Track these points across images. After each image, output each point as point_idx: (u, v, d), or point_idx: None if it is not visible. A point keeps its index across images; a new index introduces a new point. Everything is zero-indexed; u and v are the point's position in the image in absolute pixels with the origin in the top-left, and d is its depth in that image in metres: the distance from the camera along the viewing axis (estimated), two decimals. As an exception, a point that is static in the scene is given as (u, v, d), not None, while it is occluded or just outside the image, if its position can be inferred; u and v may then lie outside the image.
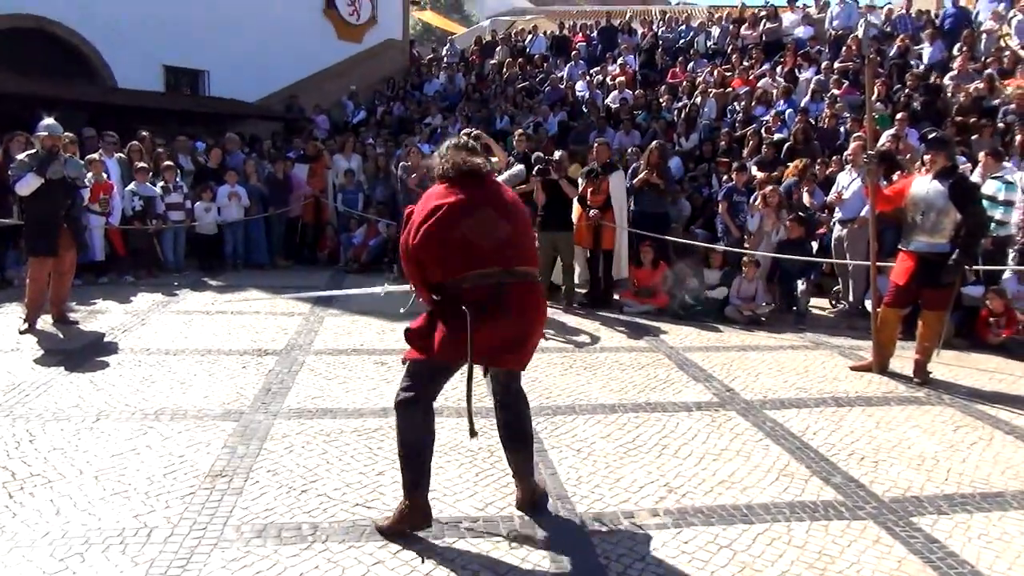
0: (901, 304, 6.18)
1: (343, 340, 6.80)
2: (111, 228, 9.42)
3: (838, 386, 5.80)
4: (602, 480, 3.95)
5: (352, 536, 3.29)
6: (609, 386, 5.61)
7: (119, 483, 3.74)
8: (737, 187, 9.54)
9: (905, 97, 11.66)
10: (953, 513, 3.70)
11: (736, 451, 4.40)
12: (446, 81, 17.76)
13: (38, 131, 6.80)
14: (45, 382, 5.29)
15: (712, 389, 5.62)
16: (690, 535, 3.40)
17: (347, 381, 5.53)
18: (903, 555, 3.27)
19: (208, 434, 4.41)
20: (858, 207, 8.05)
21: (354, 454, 4.18)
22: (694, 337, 7.40)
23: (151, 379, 5.44)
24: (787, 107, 12.43)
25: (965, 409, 5.31)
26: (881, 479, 4.07)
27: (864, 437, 4.70)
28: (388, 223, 11.24)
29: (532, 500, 3.58)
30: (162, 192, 10.04)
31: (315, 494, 3.69)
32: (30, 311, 6.75)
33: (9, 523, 3.31)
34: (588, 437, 4.54)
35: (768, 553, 3.25)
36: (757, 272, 8.28)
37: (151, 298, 8.40)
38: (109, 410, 4.76)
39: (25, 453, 4.06)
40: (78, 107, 12.56)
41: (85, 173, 7.82)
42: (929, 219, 5.86)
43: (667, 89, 14.50)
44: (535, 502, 3.58)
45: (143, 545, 3.16)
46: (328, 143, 13.26)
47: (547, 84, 16.03)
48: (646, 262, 8.65)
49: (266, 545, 3.20)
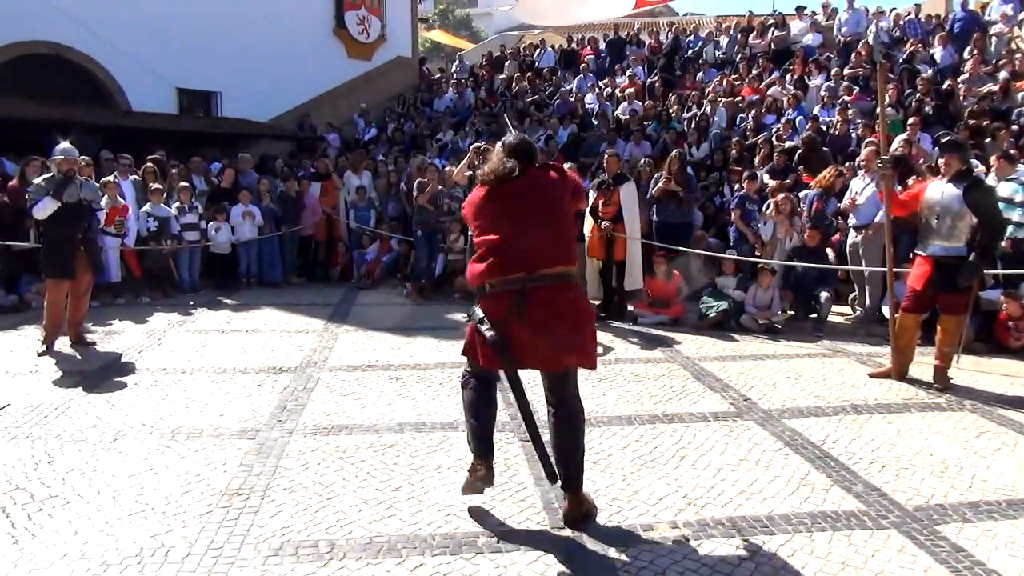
0: (919, 309, 6.12)
1: (358, 356, 6.80)
2: (126, 249, 9.50)
3: (857, 393, 5.74)
4: (619, 492, 3.91)
5: (369, 553, 3.27)
6: (624, 398, 5.57)
7: (137, 503, 3.75)
8: (749, 195, 9.51)
9: (916, 102, 11.60)
10: (979, 521, 3.63)
11: (755, 461, 4.35)
12: (455, 97, 17.85)
13: (54, 155, 6.89)
14: (63, 403, 5.33)
15: (729, 399, 5.57)
16: (711, 547, 3.35)
17: (362, 397, 5.52)
18: (929, 564, 3.22)
19: (224, 453, 4.41)
20: (872, 213, 7.99)
21: (370, 470, 4.17)
22: (710, 347, 7.35)
23: (167, 398, 5.46)
24: (797, 115, 12.40)
25: (988, 415, 5.24)
26: (904, 487, 4.01)
27: (885, 445, 4.64)
28: (400, 239, 11.29)
29: (578, 514, 3.54)
30: (177, 213, 10.13)
31: (331, 511, 3.68)
32: (48, 333, 6.81)
33: (28, 544, 3.32)
34: (604, 449, 4.51)
35: (790, 564, 3.21)
36: (772, 280, 8.22)
37: (167, 318, 8.45)
38: (126, 430, 4.78)
39: (44, 474, 4.08)
40: (93, 131, 12.73)
41: (101, 195, 7.90)
42: (945, 223, 5.82)
43: (677, 99, 14.50)
44: (581, 516, 3.54)
45: (161, 565, 3.16)
46: (339, 160, 13.34)
47: (556, 97, 16.07)
48: (659, 273, 8.61)
49: (283, 563, 3.19)
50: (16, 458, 4.28)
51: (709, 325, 8.10)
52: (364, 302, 9.86)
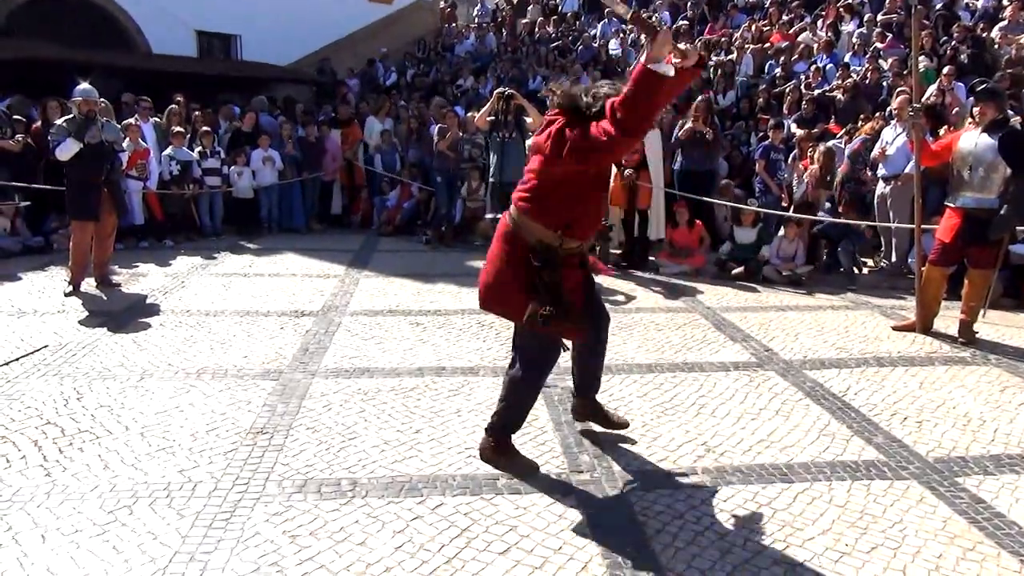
0: (946, 262, 6.02)
1: (379, 301, 6.83)
2: (149, 192, 9.54)
3: (880, 346, 5.69)
4: (639, 439, 3.93)
5: (391, 492, 3.33)
6: (645, 346, 5.57)
7: (164, 439, 3.82)
8: (775, 145, 9.33)
9: (951, 50, 11.24)
10: (1000, 474, 3.62)
11: (775, 411, 4.35)
12: (477, 42, 17.54)
13: (74, 96, 6.87)
14: (91, 342, 5.41)
15: (750, 349, 5.55)
16: (728, 493, 3.37)
17: (383, 341, 5.56)
18: (948, 515, 3.22)
19: (248, 393, 4.48)
20: (902, 163, 7.82)
21: (391, 412, 4.21)
22: (731, 297, 7.31)
23: (192, 339, 5.54)
24: (828, 62, 12.07)
25: (1012, 369, 5.18)
26: (925, 439, 4.00)
27: (907, 397, 4.61)
28: (420, 187, 11.23)
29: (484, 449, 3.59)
30: (199, 157, 10.12)
31: (354, 451, 3.73)
32: (74, 274, 6.89)
33: (60, 477, 3.41)
34: (625, 396, 4.52)
35: (808, 512, 3.22)
36: (799, 231, 8.11)
37: (190, 261, 8.52)
38: (153, 369, 4.86)
39: (73, 410, 4.16)
40: (113, 74, 12.66)
41: (123, 137, 7.90)
42: (977, 174, 5.67)
43: (704, 45, 14.16)
44: (483, 452, 3.59)
45: (188, 499, 3.23)
46: (360, 106, 13.22)
47: (580, 43, 15.75)
48: (682, 222, 8.53)
49: (307, 500, 3.25)
50: (47, 394, 4.38)
51: (732, 278, 8.04)
52: (385, 248, 9.87)
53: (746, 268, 8.03)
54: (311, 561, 2.80)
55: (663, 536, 3.02)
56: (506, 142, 8.27)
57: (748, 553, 2.91)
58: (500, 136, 8.28)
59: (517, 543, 2.94)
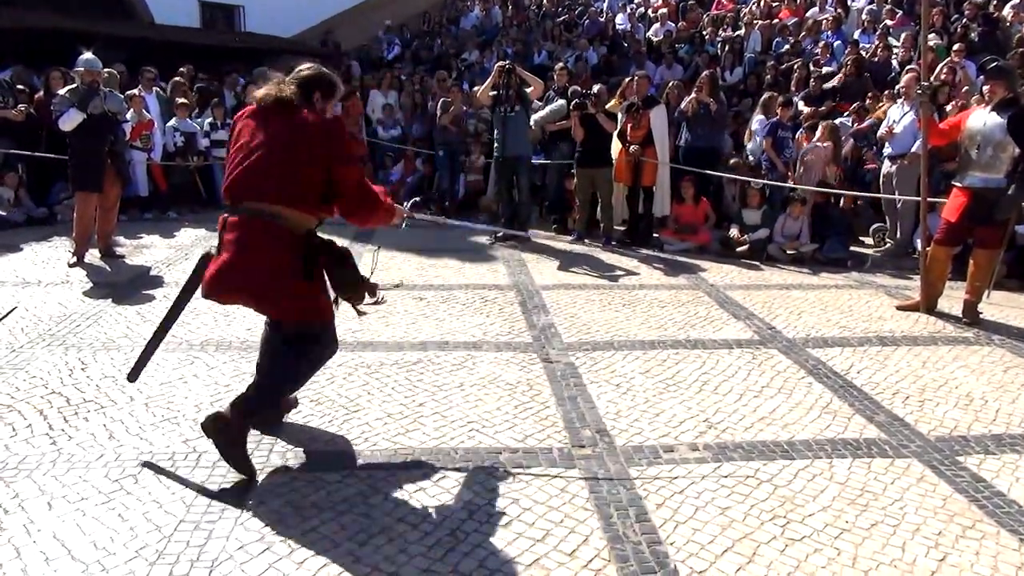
0: (952, 242, 6.00)
1: (382, 275, 6.77)
2: (153, 164, 9.51)
3: (883, 325, 5.69)
4: (641, 415, 3.95)
5: (394, 464, 3.35)
6: (648, 323, 5.57)
7: (168, 410, 3.85)
8: (782, 122, 9.25)
9: (962, 28, 11.10)
10: (1001, 453, 3.63)
11: (777, 388, 4.36)
12: (482, 15, 17.36)
13: (76, 66, 6.83)
14: (95, 313, 5.43)
15: (753, 327, 5.55)
16: (730, 469, 3.39)
17: (387, 316, 5.56)
18: (948, 493, 3.23)
19: (252, 365, 4.44)
20: (909, 142, 7.76)
21: (395, 386, 4.23)
22: (735, 275, 7.30)
23: (196, 311, 5.52)
24: (836, 39, 11.94)
25: (1016, 350, 5.18)
26: (927, 418, 4.01)
27: (909, 376, 4.62)
28: (424, 160, 11.18)
29: (210, 424, 3.14)
30: (210, 129, 10.08)
31: (357, 423, 3.75)
32: (78, 245, 6.89)
33: (66, 445, 3.43)
34: (627, 372, 4.53)
35: (809, 488, 3.24)
36: (803, 210, 8.07)
37: (194, 233, 8.52)
38: (156, 341, 4.86)
39: (78, 380, 4.18)
40: (116, 44, 12.56)
41: (126, 108, 7.86)
42: (985, 153, 5.63)
43: (711, 21, 14.01)
44: (211, 427, 3.14)
45: (193, 468, 3.26)
46: (364, 79, 13.12)
47: (586, 17, 15.59)
48: (687, 198, 8.49)
49: (310, 471, 3.27)
50: (51, 364, 4.40)
51: (736, 255, 8.02)
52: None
53: (750, 246, 8.00)
54: (314, 532, 2.82)
55: (664, 511, 3.03)
56: (508, 116, 8.22)
57: (748, 528, 2.93)
58: (502, 110, 8.22)
59: (519, 516, 2.96)
